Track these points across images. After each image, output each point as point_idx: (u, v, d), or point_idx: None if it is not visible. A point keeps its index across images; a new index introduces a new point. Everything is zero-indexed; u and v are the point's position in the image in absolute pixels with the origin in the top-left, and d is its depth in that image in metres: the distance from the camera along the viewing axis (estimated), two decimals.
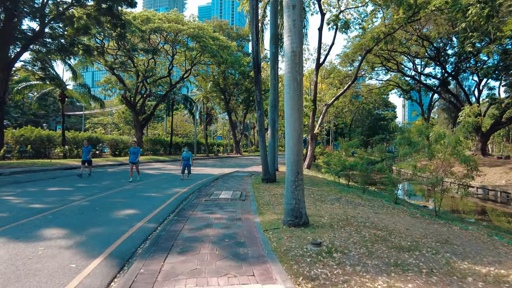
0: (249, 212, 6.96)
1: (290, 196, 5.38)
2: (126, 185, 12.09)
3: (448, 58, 35.52)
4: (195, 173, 17.65)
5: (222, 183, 12.59)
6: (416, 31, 31.53)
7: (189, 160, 13.80)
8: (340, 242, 4.56)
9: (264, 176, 12.30)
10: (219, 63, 38.76)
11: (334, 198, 9.31)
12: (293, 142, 5.34)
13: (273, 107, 12.74)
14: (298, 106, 5.35)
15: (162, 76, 40.59)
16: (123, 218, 6.85)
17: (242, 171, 19.37)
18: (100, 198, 9.31)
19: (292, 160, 5.36)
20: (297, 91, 5.33)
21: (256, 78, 11.64)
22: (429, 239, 5.03)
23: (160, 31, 33.41)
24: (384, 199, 10.17)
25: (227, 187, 11.10)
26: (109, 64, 32.67)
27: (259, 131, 11.95)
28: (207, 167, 23.46)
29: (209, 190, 10.38)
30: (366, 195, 11.22)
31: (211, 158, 39.23)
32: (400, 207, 8.89)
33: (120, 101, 40.75)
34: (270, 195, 9.46)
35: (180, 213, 6.95)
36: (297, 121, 5.34)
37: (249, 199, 8.65)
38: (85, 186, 11.69)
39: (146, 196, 9.84)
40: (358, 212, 7.30)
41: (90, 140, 30.82)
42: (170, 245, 4.60)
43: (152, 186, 12.19)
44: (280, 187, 11.12)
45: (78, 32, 21.38)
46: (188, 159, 13.76)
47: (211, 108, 50.32)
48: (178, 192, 10.62)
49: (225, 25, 53.11)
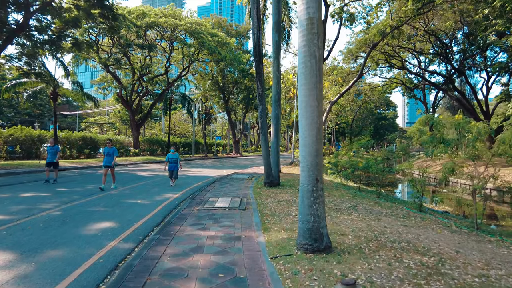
0: (251, 227, 5.61)
1: (306, 212, 4.04)
2: (112, 190, 10.75)
3: (454, 55, 34.19)
4: (192, 175, 16.31)
5: (219, 187, 11.24)
6: (422, 26, 30.17)
7: (177, 162, 11.77)
8: (381, 280, 3.22)
9: (267, 179, 10.95)
10: (218, 60, 37.41)
11: (350, 206, 7.97)
12: (311, 138, 3.99)
13: (276, 102, 11.41)
14: (317, 92, 4.00)
15: (159, 74, 39.24)
16: (94, 234, 5.50)
17: (241, 172, 18.03)
18: (76, 206, 7.96)
19: (309, 163, 4.01)
20: (316, 71, 3.98)
21: (258, 69, 10.30)
22: (498, 270, 3.68)
23: (156, 27, 32.05)
24: (405, 206, 8.82)
25: (225, 192, 9.74)
26: (103, 61, 31.34)
27: (261, 129, 10.62)
28: (205, 168, 22.12)
29: (204, 196, 9.02)
30: (383, 200, 9.87)
31: (210, 159, 37.87)
32: (428, 216, 7.54)
33: (115, 100, 39.35)
34: (274, 202, 8.11)
35: (165, 228, 5.59)
36: (315, 111, 3.99)
37: (250, 208, 7.30)
38: (65, 191, 10.35)
39: (130, 203, 8.49)
40: (384, 225, 5.96)
41: (84, 140, 29.53)
42: (142, 284, 3.25)
43: (141, 190, 10.84)
44: (285, 192, 9.77)
45: (67, 25, 20.02)
46: (176, 161, 11.74)
47: (210, 107, 48.96)
48: (169, 198, 9.26)
49: (224, 22, 51.71)
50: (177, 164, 11.77)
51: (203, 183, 12.77)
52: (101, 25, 21.96)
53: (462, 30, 32.36)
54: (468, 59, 34.50)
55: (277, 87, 11.39)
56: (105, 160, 11.02)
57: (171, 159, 11.66)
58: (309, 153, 4.00)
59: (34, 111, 56.07)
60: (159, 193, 10.26)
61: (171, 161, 11.68)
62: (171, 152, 11.84)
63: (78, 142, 28.78)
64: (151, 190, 10.94)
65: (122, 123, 52.68)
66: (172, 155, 11.70)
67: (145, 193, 10.17)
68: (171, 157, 11.68)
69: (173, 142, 43.43)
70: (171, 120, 50.84)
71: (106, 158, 10.99)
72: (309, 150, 4.00)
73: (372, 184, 14.53)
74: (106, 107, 64.18)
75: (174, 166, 11.70)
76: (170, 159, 11.69)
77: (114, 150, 11.14)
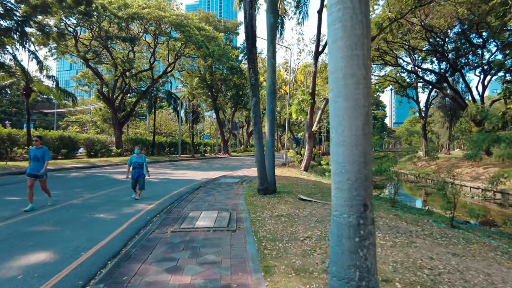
0: (245, 264, 3.86)
1: (346, 261, 2.30)
2: (77, 198, 8.87)
3: (449, 52, 33.15)
4: (174, 179, 14.42)
5: (204, 195, 9.42)
6: (419, 21, 28.92)
7: (143, 167, 8.98)
8: None
9: (261, 185, 9.19)
10: (206, 56, 35.44)
11: None
12: (355, 132, 2.26)
13: (271, 94, 9.67)
14: (365, 51, 2.29)
15: (142, 70, 37.06)
16: (11, 278, 3.68)
17: (230, 175, 16.23)
18: (17, 223, 6.11)
19: (352, 176, 2.28)
20: (361, 16, 2.28)
21: (250, 53, 8.57)
22: None
23: (140, 19, 29.89)
24: (431, 220, 7.21)
25: (211, 203, 7.95)
26: (82, 55, 29.08)
27: (254, 125, 8.86)
28: (190, 170, 20.23)
29: (183, 209, 7.22)
30: (400, 211, 8.25)
31: (197, 159, 35.89)
32: (469, 235, 5.93)
33: (97, 97, 36.97)
34: (273, 217, 6.37)
35: (117, 270, 3.78)
36: (361, 85, 2.28)
37: (242, 228, 5.53)
38: (14, 201, 8.44)
39: (90, 219, 6.64)
40: (428, 255, 4.31)
41: (62, 140, 27.21)
42: None
43: (110, 199, 8.96)
44: (284, 203, 8.03)
45: (35, 11, 17.90)
46: (141, 166, 8.96)
47: (197, 106, 46.92)
48: (141, 211, 7.44)
49: (212, 17, 49.71)
50: (143, 169, 9.01)
51: (185, 189, 10.95)
52: (75, 11, 19.77)
53: (454, 28, 31.50)
54: (461, 58, 33.59)
55: (272, 77, 9.65)
56: (31, 167, 7.49)
57: (135, 163, 8.97)
58: (351, 159, 2.27)
59: (10, 109, 52.97)
60: (130, 203, 8.41)
61: (135, 166, 8.96)
62: (135, 154, 9.11)
63: (55, 142, 26.47)
64: (122, 198, 9.06)
65: (104, 122, 50.09)
66: (137, 158, 9.03)
67: (113, 203, 8.31)
68: (135, 161, 8.98)
69: (158, 141, 41.34)
70: (156, 119, 48.61)
71: (33, 164, 7.49)
72: (351, 153, 2.27)
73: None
74: (90, 105, 61.42)
75: (139, 172, 8.96)
76: (133, 163, 8.97)
77: (44, 151, 7.63)
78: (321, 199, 8.84)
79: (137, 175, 8.91)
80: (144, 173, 9.07)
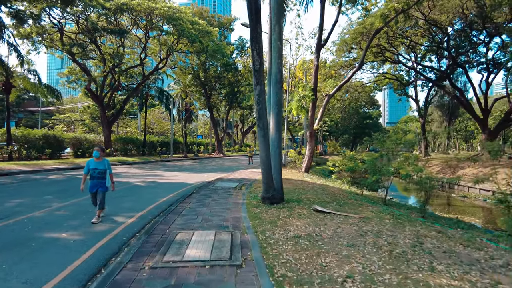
0: None
1: None
2: (41, 209, 7.24)
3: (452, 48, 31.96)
4: (163, 182, 12.76)
5: (197, 204, 7.79)
6: (423, 16, 27.64)
7: (105, 177, 6.35)
8: None
9: (266, 193, 7.59)
10: (199, 52, 33.72)
11: (413, 245, 4.79)
12: None
13: (278, 83, 8.12)
14: None
15: (132, 66, 35.19)
16: None
17: (227, 178, 14.61)
18: None
19: None
20: None
21: (254, 31, 6.99)
22: None
23: (129, 10, 28.04)
24: (484, 238, 5.70)
25: (205, 217, 6.33)
26: (67, 49, 27.17)
27: (258, 120, 7.25)
28: (182, 171, 18.56)
29: (170, 226, 5.60)
30: (438, 224, 6.74)
31: (190, 159, 34.15)
32: None
33: (84, 95, 35.02)
34: (289, 240, 4.79)
35: None
36: None
37: (250, 261, 3.94)
38: None
39: (48, 240, 5.04)
40: None
41: (46, 139, 25.31)
42: None
43: (84, 209, 7.31)
44: (297, 215, 6.42)
45: None
46: (103, 174, 6.32)
47: (190, 104, 45.17)
48: (116, 228, 5.81)
49: (206, 13, 47.85)
50: (105, 179, 6.32)
51: (175, 196, 9.31)
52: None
53: (455, 25, 30.39)
54: (461, 55, 32.49)
55: (279, 63, 8.08)
56: None
57: (94, 171, 6.27)
58: None
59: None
60: (108, 215, 6.79)
61: (94, 175, 6.27)
62: (93, 158, 6.36)
63: (39, 141, 24.63)
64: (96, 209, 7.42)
65: (92, 120, 48.01)
66: (96, 163, 6.30)
67: (84, 216, 6.65)
68: (93, 167, 6.27)
69: (150, 141, 39.51)
70: (147, 117, 46.72)
71: None
72: None
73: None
74: (78, 103, 59.10)
75: (99, 184, 6.26)
76: (91, 170, 6.28)
77: None
78: (339, 209, 7.29)
79: (97, 187, 6.27)
80: (107, 185, 6.36)
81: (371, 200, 10.02)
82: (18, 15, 16.06)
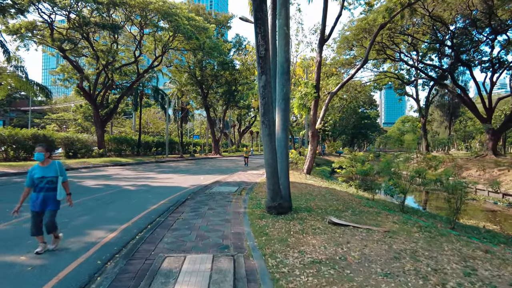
0: None
1: None
2: (9, 220, 6.14)
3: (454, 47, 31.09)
4: (156, 186, 11.65)
5: (191, 215, 6.69)
6: (427, 11, 26.72)
7: (55, 188, 4.43)
8: None
9: (272, 201, 6.50)
10: (195, 49, 32.60)
11: (462, 270, 3.76)
12: None
13: (285, 74, 7.07)
14: None
15: (126, 63, 34.01)
16: None
17: (224, 181, 13.53)
18: None
19: None
20: None
21: (258, 11, 5.92)
22: None
23: (123, 5, 26.88)
24: None
25: (200, 233, 5.24)
26: (58, 45, 25.98)
27: (263, 116, 6.19)
28: (177, 173, 17.46)
29: (157, 245, 4.54)
30: (475, 239, 5.72)
31: (186, 160, 32.98)
32: None
33: (76, 93, 33.79)
34: (307, 268, 3.74)
35: None
36: None
37: None
38: None
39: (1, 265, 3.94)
40: None
41: (35, 139, 24.10)
42: None
43: (59, 221, 6.20)
44: (311, 231, 5.32)
45: None
46: (52, 185, 4.42)
47: (186, 103, 43.99)
48: (91, 247, 4.73)
49: (202, 10, 46.72)
50: (56, 191, 4.45)
51: (167, 203, 8.23)
52: None
53: (457, 23, 29.55)
54: (462, 54, 31.66)
55: (286, 51, 7.03)
56: None
57: (42, 180, 4.38)
58: None
59: None
60: (85, 228, 5.71)
61: (41, 185, 4.39)
62: (38, 162, 4.49)
63: (28, 142, 23.43)
64: (75, 220, 6.31)
65: (85, 119, 46.68)
66: (42, 169, 4.44)
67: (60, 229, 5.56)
68: (39, 176, 4.38)
69: (145, 141, 38.33)
70: (143, 117, 45.49)
71: None
72: None
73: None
74: (71, 102, 57.73)
75: (47, 197, 4.41)
76: (37, 179, 4.37)
77: None
78: (358, 220, 6.24)
79: (44, 205, 4.40)
80: (59, 198, 4.49)
81: (386, 207, 8.98)
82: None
